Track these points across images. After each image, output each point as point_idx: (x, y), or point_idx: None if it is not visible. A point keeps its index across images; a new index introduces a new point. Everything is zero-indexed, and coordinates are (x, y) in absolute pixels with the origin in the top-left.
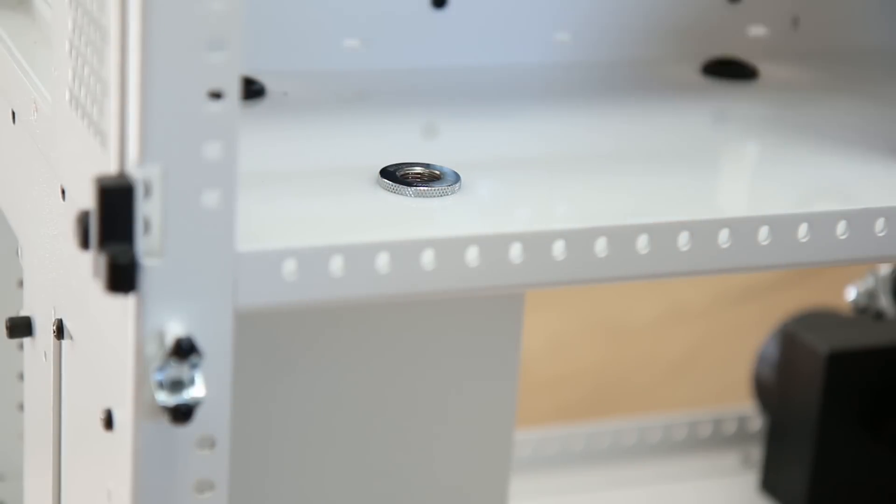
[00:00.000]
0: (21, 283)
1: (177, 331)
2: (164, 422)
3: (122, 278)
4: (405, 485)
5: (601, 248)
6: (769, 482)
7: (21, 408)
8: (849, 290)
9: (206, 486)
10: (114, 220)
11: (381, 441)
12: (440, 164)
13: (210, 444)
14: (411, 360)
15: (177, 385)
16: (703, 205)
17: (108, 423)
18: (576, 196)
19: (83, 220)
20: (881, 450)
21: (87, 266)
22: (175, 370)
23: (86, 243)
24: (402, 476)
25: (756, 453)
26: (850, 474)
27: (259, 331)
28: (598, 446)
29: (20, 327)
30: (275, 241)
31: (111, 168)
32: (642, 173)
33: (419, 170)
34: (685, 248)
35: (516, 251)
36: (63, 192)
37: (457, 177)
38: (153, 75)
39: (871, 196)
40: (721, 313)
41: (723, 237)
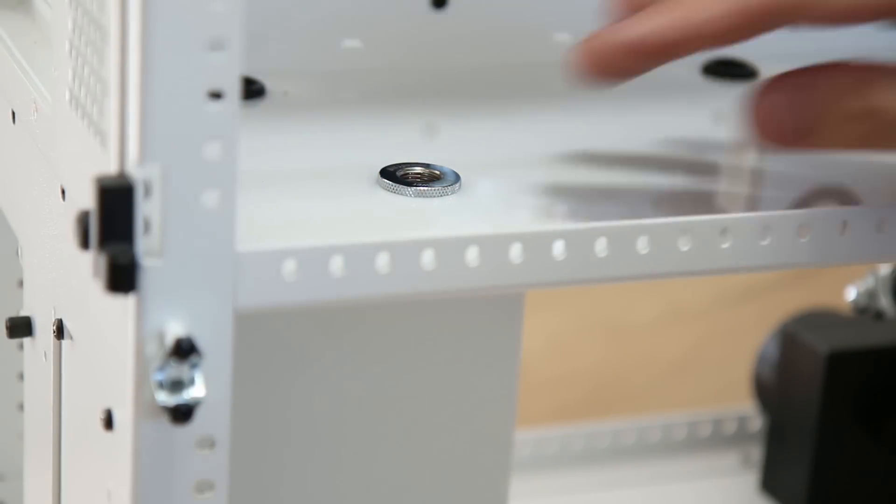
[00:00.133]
0: (21, 283)
1: (177, 331)
2: (164, 422)
3: (122, 278)
4: (405, 484)
5: (601, 248)
6: (769, 482)
7: (21, 408)
8: (849, 290)
9: (206, 486)
10: (114, 220)
11: (381, 441)
12: (440, 164)
13: (210, 444)
14: (411, 360)
15: (177, 385)
16: (703, 205)
17: (108, 423)
18: (576, 196)
19: (83, 220)
20: (881, 450)
21: (87, 266)
22: (175, 370)
23: (86, 243)
24: (401, 476)
25: (756, 453)
26: (850, 474)
27: (259, 331)
28: (598, 446)
29: (20, 327)
30: (275, 241)
31: (111, 168)
32: (642, 173)
33: (419, 170)
34: (685, 248)
35: (516, 251)
36: (63, 192)
37: (457, 177)
38: (153, 75)
39: (871, 196)
40: (721, 313)
41: (723, 237)
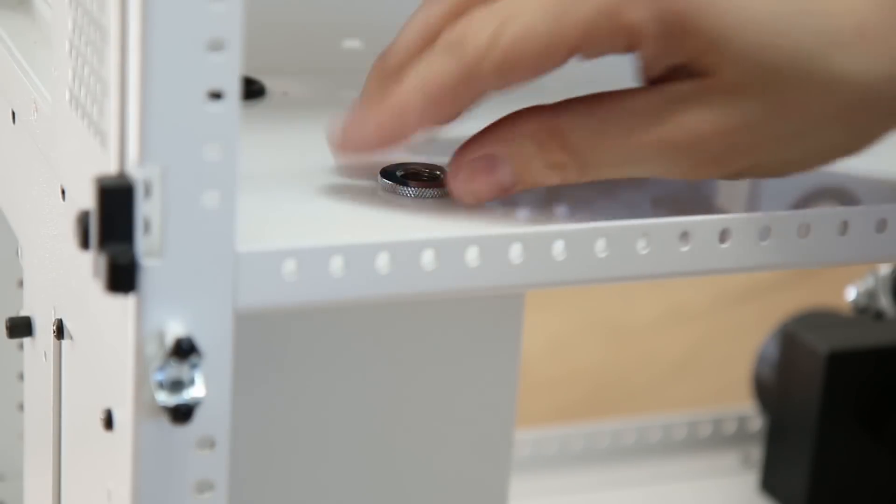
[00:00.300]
0: (21, 283)
1: (177, 331)
2: (164, 422)
3: (122, 278)
4: (405, 485)
5: (601, 248)
6: (769, 482)
7: (21, 408)
8: (849, 290)
9: (206, 486)
10: (114, 220)
11: (381, 441)
12: (440, 164)
13: (210, 444)
14: (411, 361)
15: (177, 385)
16: (702, 205)
17: (108, 423)
18: (576, 196)
19: (83, 220)
20: (881, 450)
21: (87, 266)
22: (175, 370)
23: (86, 243)
24: (402, 476)
25: (756, 453)
26: (850, 474)
27: (259, 331)
28: (598, 446)
29: (20, 327)
30: (275, 241)
31: (111, 168)
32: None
33: (419, 169)
34: (685, 248)
35: (516, 251)
36: (63, 192)
37: None
38: (153, 75)
39: (871, 196)
40: (721, 313)
41: (722, 237)
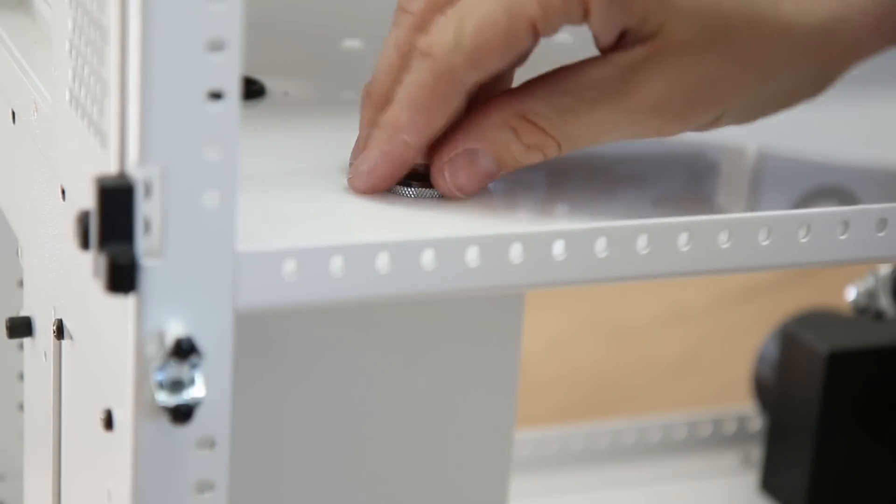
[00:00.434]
0: (21, 283)
1: (177, 331)
2: (164, 422)
3: (122, 278)
4: (405, 485)
5: (601, 248)
6: (769, 482)
7: (21, 408)
8: (849, 290)
9: (206, 486)
10: (114, 220)
11: (381, 441)
12: None
13: (210, 444)
14: (411, 361)
15: (177, 385)
16: (702, 205)
17: (108, 423)
18: (576, 196)
19: (83, 220)
20: (881, 450)
21: (87, 266)
22: (175, 370)
23: (86, 243)
24: (402, 476)
25: (756, 453)
26: (850, 474)
27: (259, 331)
28: (598, 446)
29: (20, 327)
30: (275, 241)
31: (111, 168)
32: (642, 173)
33: (419, 170)
34: (685, 248)
35: (516, 251)
36: (63, 192)
37: None
38: (153, 75)
39: (871, 196)
40: (721, 313)
41: (723, 237)
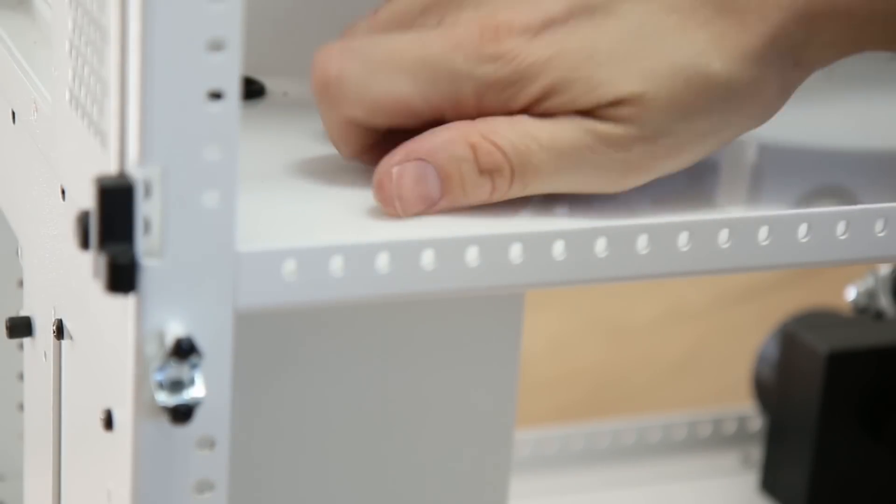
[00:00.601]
0: (21, 283)
1: (177, 331)
2: (164, 422)
3: (122, 278)
4: (405, 485)
5: (601, 248)
6: (769, 482)
7: (21, 408)
8: (849, 290)
9: (205, 487)
10: (114, 220)
11: (381, 441)
12: None
13: (210, 444)
14: (411, 360)
15: (177, 385)
16: (703, 205)
17: (108, 423)
18: (576, 196)
19: (83, 220)
20: (881, 450)
21: (87, 266)
22: (175, 370)
23: (86, 243)
24: (401, 476)
25: (756, 453)
26: (850, 474)
27: (259, 331)
28: (598, 446)
29: (20, 327)
30: (275, 241)
31: (111, 168)
32: None
33: None
34: (685, 248)
35: (516, 251)
36: (63, 192)
37: None
38: (153, 75)
39: (871, 196)
40: (721, 313)
41: (723, 237)
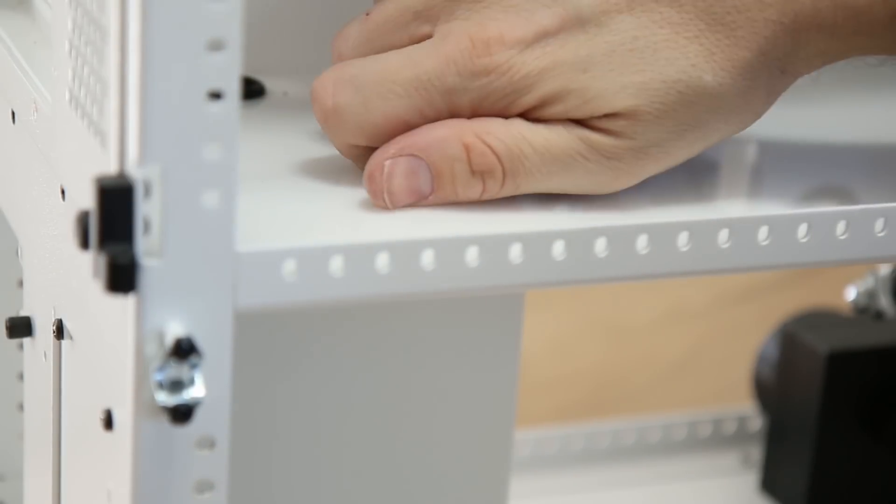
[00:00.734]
0: (21, 283)
1: (177, 331)
2: (164, 422)
3: (121, 278)
4: (405, 485)
5: (601, 248)
6: (769, 482)
7: (21, 408)
8: (849, 290)
9: (205, 487)
10: (114, 220)
11: (381, 441)
12: None
13: (210, 444)
14: (411, 360)
15: (177, 385)
16: (703, 205)
17: (108, 423)
18: (576, 196)
19: (83, 220)
20: (881, 450)
21: (87, 266)
22: (175, 370)
23: (86, 243)
24: (402, 476)
25: (756, 453)
26: (849, 474)
27: (259, 331)
28: (598, 446)
29: (20, 327)
30: (275, 241)
31: (111, 168)
32: None
33: None
34: (685, 248)
35: (516, 251)
36: (63, 192)
37: None
38: (153, 75)
39: (871, 196)
40: (721, 313)
41: (723, 237)
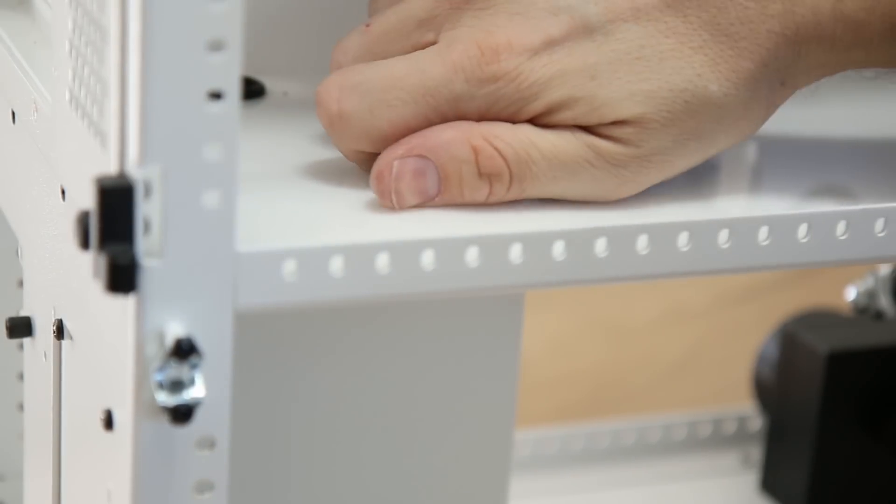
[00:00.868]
0: (21, 283)
1: (177, 331)
2: (164, 422)
3: (122, 278)
4: (405, 485)
5: (601, 248)
6: (769, 482)
7: (21, 408)
8: (849, 290)
9: (205, 487)
10: (114, 220)
11: (381, 441)
12: None
13: (210, 444)
14: (411, 361)
15: (177, 385)
16: (703, 205)
17: (108, 423)
18: None
19: (83, 220)
20: (881, 450)
21: (87, 266)
22: (175, 370)
23: (86, 243)
24: (402, 476)
25: (756, 453)
26: (849, 474)
27: (259, 331)
28: (598, 446)
29: (20, 327)
30: (275, 241)
31: (111, 168)
32: None
33: None
34: (685, 248)
35: (516, 251)
36: (63, 192)
37: None
38: (153, 75)
39: (871, 196)
40: (721, 313)
41: (723, 237)
